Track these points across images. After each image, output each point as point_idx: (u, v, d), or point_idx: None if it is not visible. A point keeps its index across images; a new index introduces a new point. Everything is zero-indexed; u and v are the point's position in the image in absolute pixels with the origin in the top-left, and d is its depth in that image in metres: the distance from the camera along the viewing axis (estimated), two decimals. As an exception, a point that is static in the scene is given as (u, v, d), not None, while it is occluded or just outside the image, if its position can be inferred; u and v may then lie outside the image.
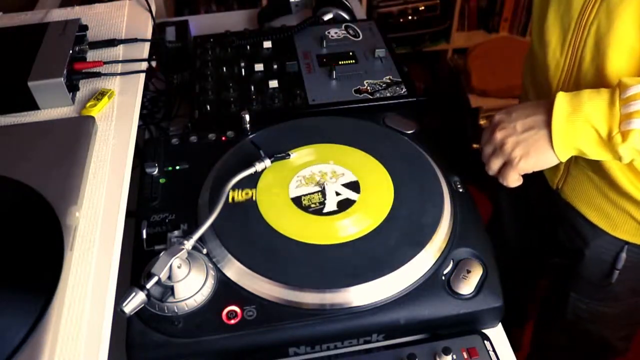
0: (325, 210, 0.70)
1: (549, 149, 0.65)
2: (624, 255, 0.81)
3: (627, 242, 0.80)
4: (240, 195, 0.71)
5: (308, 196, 0.72)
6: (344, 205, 0.71)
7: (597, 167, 0.74)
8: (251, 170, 0.72)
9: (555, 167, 0.81)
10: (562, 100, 0.63)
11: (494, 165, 0.69)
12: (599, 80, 0.69)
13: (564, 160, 0.66)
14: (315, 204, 0.71)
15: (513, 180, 0.69)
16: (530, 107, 0.67)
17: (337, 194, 0.73)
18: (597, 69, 0.70)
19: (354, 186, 0.73)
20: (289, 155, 0.77)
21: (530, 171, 0.68)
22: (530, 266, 1.12)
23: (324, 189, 0.73)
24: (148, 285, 0.57)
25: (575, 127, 0.62)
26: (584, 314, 0.93)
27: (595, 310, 0.92)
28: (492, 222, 1.15)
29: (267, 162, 0.74)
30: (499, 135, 0.67)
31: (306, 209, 0.70)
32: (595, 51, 0.70)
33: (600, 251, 0.83)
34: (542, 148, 0.65)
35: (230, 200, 0.70)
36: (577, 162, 0.78)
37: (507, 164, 0.68)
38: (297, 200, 0.72)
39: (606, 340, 0.99)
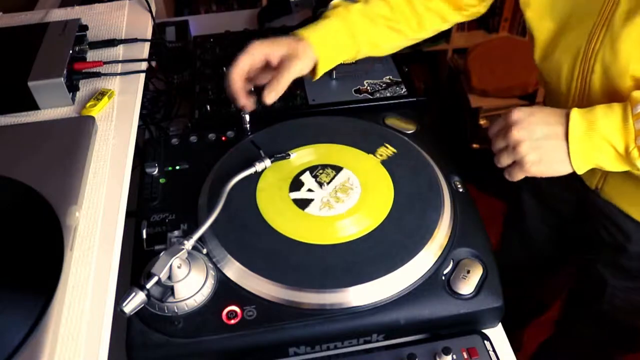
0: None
1: (565, 160, 0.65)
2: None
3: None
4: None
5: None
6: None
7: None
8: (251, 170, 0.72)
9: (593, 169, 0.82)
10: (576, 117, 0.64)
11: (504, 161, 0.69)
12: (610, 101, 0.70)
13: (581, 173, 0.66)
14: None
15: (518, 178, 0.70)
16: (552, 114, 0.67)
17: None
18: (607, 93, 0.71)
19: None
20: (289, 155, 0.77)
21: (537, 176, 0.68)
22: (552, 263, 1.12)
23: (325, 189, 0.73)
24: (148, 285, 0.57)
25: (592, 143, 0.63)
26: (620, 304, 0.94)
27: (633, 300, 0.93)
28: (511, 222, 1.14)
29: (267, 162, 0.74)
30: (516, 134, 0.66)
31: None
32: (604, 78, 0.71)
33: None
34: (557, 159, 0.66)
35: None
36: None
37: (516, 164, 0.68)
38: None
39: (638, 330, 1.00)
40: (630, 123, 0.61)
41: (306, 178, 0.75)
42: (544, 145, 0.65)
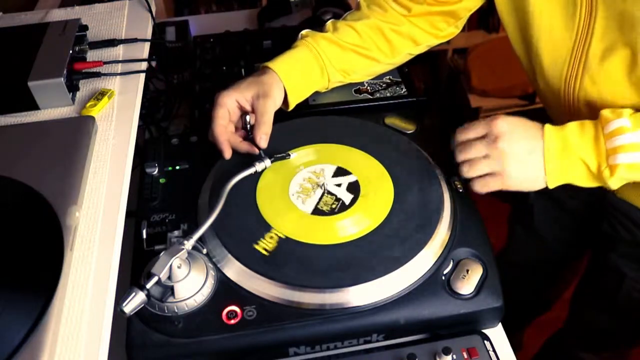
0: (326, 210, 0.70)
1: (541, 177, 0.66)
2: None
3: None
4: (269, 244, 0.67)
5: (322, 200, 0.72)
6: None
7: None
8: (251, 170, 0.72)
9: None
10: (551, 134, 0.65)
11: (481, 169, 0.68)
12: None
13: (551, 188, 0.67)
14: (329, 206, 0.71)
15: (492, 190, 0.69)
16: (532, 128, 0.67)
17: (337, 193, 0.72)
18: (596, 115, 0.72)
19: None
20: (289, 155, 0.77)
21: (511, 190, 0.68)
22: (561, 260, 1.13)
23: (325, 189, 0.73)
24: (148, 285, 0.57)
25: (567, 161, 0.65)
26: (637, 297, 0.94)
27: None
28: (519, 221, 1.14)
29: (267, 162, 0.74)
30: (502, 145, 0.66)
31: (327, 213, 0.70)
32: (589, 110, 0.73)
33: None
34: (536, 175, 0.66)
35: (265, 253, 0.66)
36: None
37: (496, 175, 0.67)
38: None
39: None
40: (602, 142, 0.63)
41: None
42: (527, 160, 0.66)
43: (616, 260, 0.92)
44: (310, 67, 0.81)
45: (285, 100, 0.80)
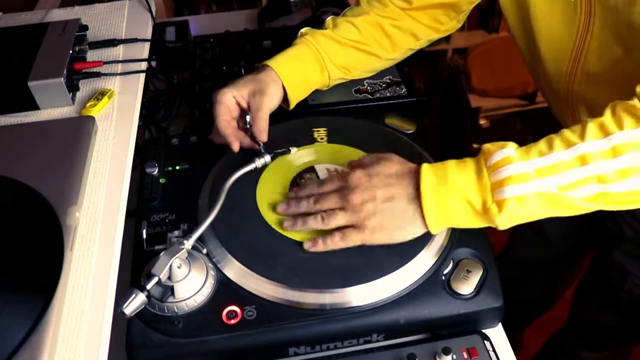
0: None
1: (417, 223, 0.62)
2: None
3: None
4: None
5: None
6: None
7: None
8: (251, 167, 0.72)
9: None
10: (427, 174, 0.60)
11: (337, 221, 0.63)
12: None
13: (435, 233, 0.63)
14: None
15: (353, 243, 0.64)
16: (395, 176, 0.63)
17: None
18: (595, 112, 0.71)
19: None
20: (289, 150, 0.77)
21: (381, 243, 0.64)
22: (566, 258, 1.13)
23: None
24: (148, 286, 0.57)
25: (446, 201, 0.59)
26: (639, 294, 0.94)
27: None
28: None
29: (267, 157, 0.74)
30: (356, 196, 0.62)
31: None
32: (588, 107, 0.73)
33: None
34: (407, 222, 0.62)
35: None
36: None
37: (354, 228, 0.63)
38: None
39: None
40: (485, 176, 0.57)
41: (306, 178, 0.75)
42: (392, 208, 0.61)
43: (619, 258, 0.92)
44: (309, 65, 0.81)
45: (286, 99, 0.80)
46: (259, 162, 0.73)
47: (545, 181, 0.56)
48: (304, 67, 0.80)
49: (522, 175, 0.56)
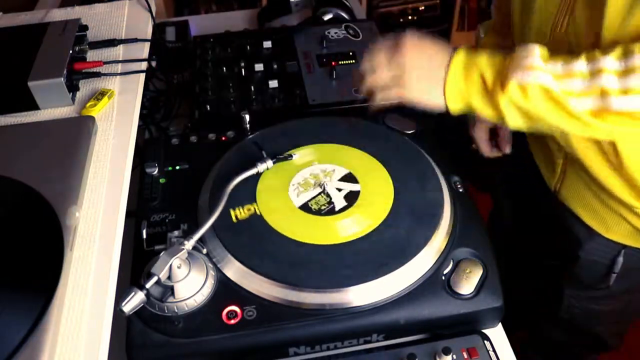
0: (332, 210, 0.70)
1: (440, 90, 0.65)
2: (621, 259, 0.81)
3: (624, 246, 0.81)
4: (242, 213, 0.70)
5: (315, 199, 0.72)
6: (344, 205, 0.71)
7: (591, 170, 0.74)
8: (253, 171, 0.72)
9: (552, 169, 0.81)
10: (461, 51, 0.64)
11: (382, 77, 0.68)
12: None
13: (452, 109, 0.66)
14: (324, 205, 0.71)
15: (389, 100, 0.68)
16: (441, 44, 0.67)
17: (337, 194, 0.72)
18: None
19: (354, 186, 0.73)
20: (291, 156, 0.77)
21: (412, 102, 0.67)
22: (528, 267, 1.13)
23: (325, 189, 0.73)
24: (147, 285, 0.57)
25: (467, 75, 0.63)
26: (577, 312, 0.94)
27: (589, 309, 0.93)
28: (493, 223, 1.15)
29: (269, 162, 0.74)
30: (403, 51, 0.65)
31: (314, 212, 0.70)
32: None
33: (595, 254, 0.84)
34: (434, 85, 0.65)
35: (234, 219, 0.69)
36: (573, 164, 0.78)
37: (394, 84, 0.67)
38: (297, 201, 0.72)
39: (599, 336, 1.01)
40: (507, 60, 0.61)
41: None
42: (427, 67, 0.65)
43: (556, 278, 0.92)
44: None
45: None
46: (260, 167, 0.73)
47: (551, 78, 0.58)
48: None
49: (534, 66, 0.59)
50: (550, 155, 0.81)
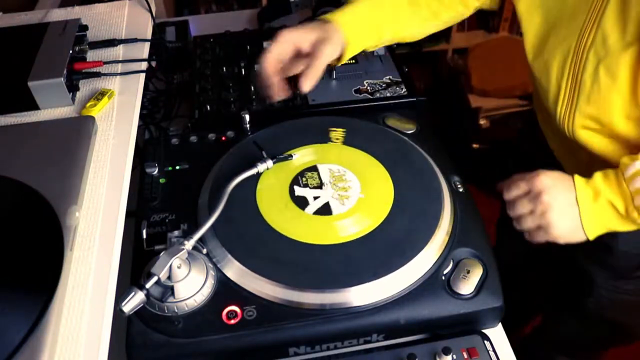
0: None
1: (580, 227, 0.68)
2: None
3: None
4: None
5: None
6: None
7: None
8: (253, 171, 0.72)
9: (582, 169, 0.82)
10: (581, 185, 0.67)
11: (528, 224, 0.70)
12: (602, 100, 0.72)
13: (592, 238, 0.69)
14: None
15: (541, 241, 0.71)
16: (568, 181, 0.69)
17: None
18: (598, 92, 0.72)
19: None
20: (291, 156, 0.77)
21: (561, 241, 0.70)
22: (544, 263, 1.13)
23: (325, 190, 0.73)
24: (147, 285, 0.57)
25: (599, 208, 0.67)
26: (606, 302, 0.94)
27: (619, 299, 0.93)
28: (504, 223, 1.15)
29: (270, 163, 0.74)
30: (544, 199, 0.67)
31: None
32: (596, 75, 0.72)
33: (630, 244, 0.85)
34: (576, 224, 0.68)
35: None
36: (595, 166, 0.79)
37: (542, 229, 0.69)
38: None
39: (625, 327, 1.01)
40: (624, 186, 0.65)
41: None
42: (567, 212, 0.67)
43: (586, 267, 0.92)
44: (369, 24, 0.80)
45: (339, 56, 0.78)
46: (261, 167, 0.73)
47: None
48: (364, 25, 0.80)
49: None
50: (578, 155, 0.82)
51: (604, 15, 0.69)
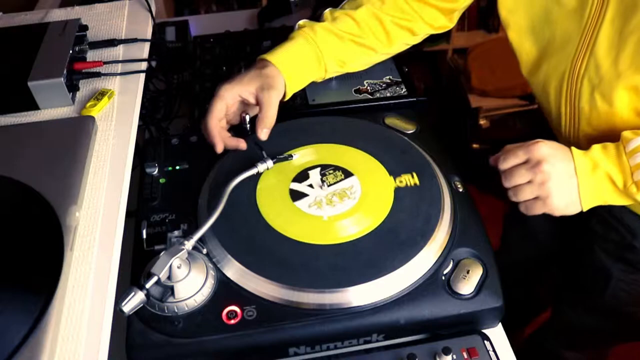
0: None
1: (577, 199, 0.67)
2: None
3: None
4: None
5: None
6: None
7: None
8: (253, 171, 0.72)
9: None
10: (579, 156, 0.67)
11: (526, 195, 0.69)
12: (603, 123, 0.73)
13: (586, 209, 0.68)
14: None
15: (538, 213, 0.70)
16: (567, 152, 0.68)
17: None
18: (597, 114, 0.73)
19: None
20: (291, 156, 0.77)
21: (557, 214, 0.69)
22: (554, 258, 1.13)
23: (325, 190, 0.73)
24: (147, 285, 0.57)
25: (597, 181, 0.66)
26: (624, 295, 0.94)
27: (636, 292, 0.93)
28: (513, 221, 1.15)
29: (270, 163, 0.74)
30: (544, 168, 0.66)
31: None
32: (592, 100, 0.73)
33: None
34: (574, 197, 0.67)
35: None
36: None
37: (539, 200, 0.68)
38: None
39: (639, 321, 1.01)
40: (625, 160, 0.64)
41: (306, 178, 0.75)
42: (567, 183, 0.66)
43: (604, 260, 0.92)
44: (307, 58, 0.81)
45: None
46: (261, 167, 0.73)
47: None
48: (303, 61, 0.80)
49: None
50: None
51: (596, 44, 0.70)
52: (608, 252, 0.91)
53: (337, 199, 0.72)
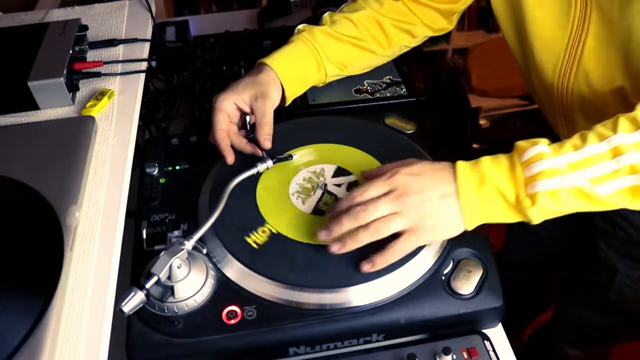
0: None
1: (460, 219, 0.61)
2: None
3: None
4: (260, 237, 0.67)
5: (317, 200, 0.72)
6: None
7: None
8: (253, 171, 0.72)
9: None
10: (464, 171, 0.60)
11: (395, 227, 0.61)
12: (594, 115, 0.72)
13: (469, 229, 0.62)
14: (324, 206, 0.71)
15: (402, 253, 0.62)
16: (440, 171, 0.62)
17: (337, 194, 0.72)
18: (588, 113, 0.73)
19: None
20: (291, 156, 0.77)
21: (423, 244, 0.63)
22: (557, 258, 1.13)
23: (325, 190, 0.73)
24: (147, 285, 0.57)
25: (484, 196, 0.59)
26: (629, 293, 0.94)
27: None
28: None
29: (270, 162, 0.74)
30: (412, 198, 0.60)
31: (315, 212, 0.70)
32: (582, 107, 0.73)
33: None
34: (454, 218, 0.61)
35: (254, 246, 0.66)
36: None
37: (412, 231, 0.61)
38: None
39: None
40: (519, 170, 0.58)
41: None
42: (442, 205, 0.60)
43: (609, 257, 0.92)
44: (306, 62, 0.80)
45: (283, 96, 0.80)
46: (261, 167, 0.73)
47: (577, 175, 0.56)
48: (302, 65, 0.80)
49: (555, 169, 0.56)
50: None
51: (581, 59, 0.70)
52: (613, 248, 0.92)
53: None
